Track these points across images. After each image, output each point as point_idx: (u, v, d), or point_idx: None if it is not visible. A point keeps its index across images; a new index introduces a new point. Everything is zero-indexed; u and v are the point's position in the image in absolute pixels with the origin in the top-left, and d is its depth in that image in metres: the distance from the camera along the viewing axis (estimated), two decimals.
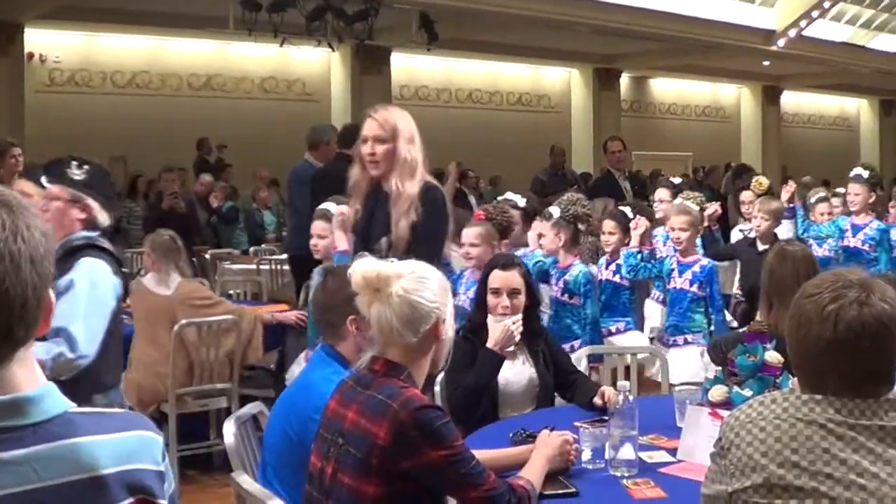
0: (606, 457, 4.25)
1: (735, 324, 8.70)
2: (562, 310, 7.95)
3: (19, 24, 18.45)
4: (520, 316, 5.42)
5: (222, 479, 6.69)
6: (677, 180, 11.45)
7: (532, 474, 3.89)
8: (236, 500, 4.08)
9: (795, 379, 3.01)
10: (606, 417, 4.55)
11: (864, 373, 2.79)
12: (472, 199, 15.74)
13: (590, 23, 21.03)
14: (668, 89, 30.70)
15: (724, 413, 4.12)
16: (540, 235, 8.50)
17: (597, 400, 5.16)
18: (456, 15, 19.22)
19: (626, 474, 4.16)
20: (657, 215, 9.84)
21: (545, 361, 5.53)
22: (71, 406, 2.04)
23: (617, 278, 8.58)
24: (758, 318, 5.88)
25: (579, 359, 6.48)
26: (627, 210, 8.86)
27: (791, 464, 2.72)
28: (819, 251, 10.55)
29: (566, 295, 7.88)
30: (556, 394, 5.59)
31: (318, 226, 7.39)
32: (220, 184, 16.93)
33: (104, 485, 1.99)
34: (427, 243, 5.84)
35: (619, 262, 8.49)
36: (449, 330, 3.83)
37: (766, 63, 27.74)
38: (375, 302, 3.68)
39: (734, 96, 32.41)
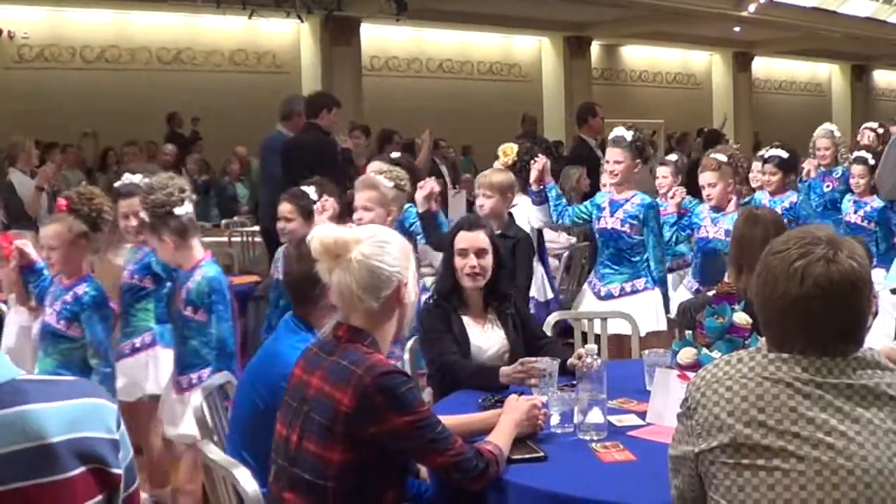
0: (575, 421, 4.25)
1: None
2: (185, 327, 6.03)
3: None
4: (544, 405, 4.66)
5: None
6: (396, 154, 9.59)
7: (500, 439, 3.89)
8: (202, 469, 4.07)
9: (764, 339, 2.99)
10: (575, 382, 4.53)
11: (831, 331, 2.78)
12: (444, 169, 15.67)
13: None
14: (638, 57, 30.68)
15: (693, 375, 4.12)
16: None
17: (573, 360, 5.11)
18: None
19: (595, 438, 4.16)
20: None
21: (514, 326, 5.51)
22: (19, 373, 2.01)
23: None
24: (726, 280, 5.88)
25: (549, 324, 6.48)
26: (311, 190, 7.09)
27: (758, 423, 2.71)
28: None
29: (189, 308, 5.92)
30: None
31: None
32: (195, 156, 16.86)
33: (53, 453, 1.96)
34: None
35: None
36: (412, 293, 3.83)
37: (737, 29, 27.75)
38: (336, 268, 3.66)
39: (705, 63, 32.42)
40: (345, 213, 6.94)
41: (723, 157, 8.05)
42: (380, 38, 24.18)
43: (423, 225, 7.53)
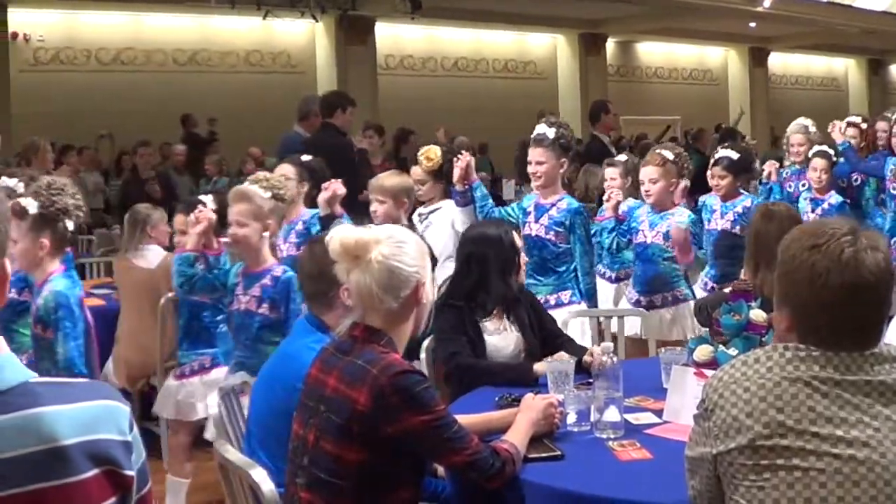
0: (592, 419, 4.24)
1: None
2: (38, 347, 5.39)
3: (2, 3, 18.45)
4: (560, 403, 4.52)
5: (212, 451, 6.60)
6: (307, 157, 8.26)
7: (516, 438, 3.88)
8: (219, 470, 4.08)
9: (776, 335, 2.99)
10: (591, 380, 4.52)
11: (875, 319, 2.81)
12: None
13: None
14: (654, 53, 30.65)
15: (709, 373, 4.11)
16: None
17: (586, 358, 5.10)
18: None
19: (612, 436, 4.15)
20: None
21: (530, 324, 5.50)
22: (32, 376, 2.01)
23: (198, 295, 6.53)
24: (741, 277, 5.86)
25: (566, 322, 6.44)
26: (209, 199, 6.56)
27: (777, 423, 2.70)
28: None
29: (39, 326, 5.28)
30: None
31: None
32: (214, 156, 16.92)
33: (66, 456, 1.96)
34: None
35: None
36: (429, 293, 3.84)
37: (753, 24, 27.72)
38: (355, 269, 3.67)
39: (721, 58, 32.38)
40: (219, 227, 6.39)
41: (669, 154, 7.47)
42: (394, 37, 24.20)
43: (325, 231, 6.51)
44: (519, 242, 5.56)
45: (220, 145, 18.56)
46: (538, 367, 5.02)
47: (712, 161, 8.30)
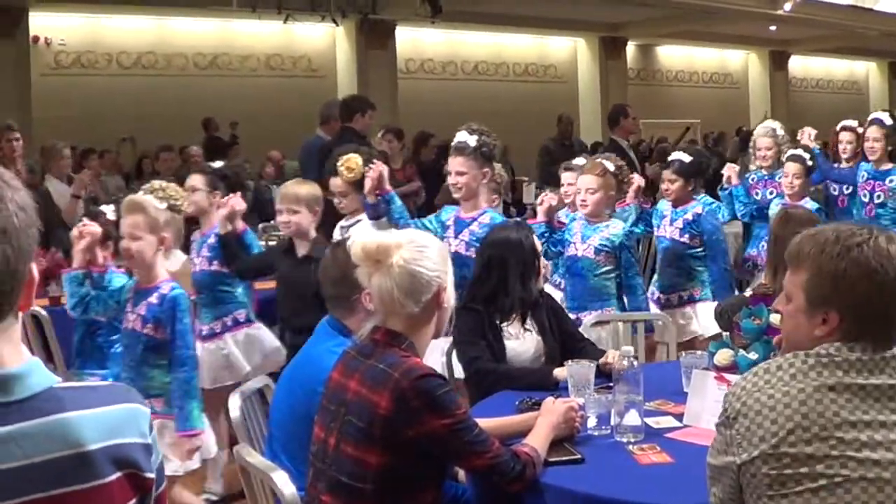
0: (612, 423, 4.24)
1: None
2: None
3: (24, 7, 18.43)
4: (581, 407, 4.46)
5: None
6: (220, 163, 8.19)
7: (537, 441, 3.90)
8: (241, 473, 4.09)
9: None
10: (612, 384, 4.52)
11: None
12: None
13: None
14: (674, 56, 30.54)
15: (730, 377, 4.11)
16: None
17: (603, 360, 5.09)
18: None
19: (632, 440, 4.15)
20: None
21: (550, 328, 5.49)
22: (56, 381, 2.01)
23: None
24: (762, 281, 5.86)
25: (587, 326, 6.44)
26: (110, 209, 6.44)
27: (802, 429, 2.71)
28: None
29: None
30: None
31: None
32: (236, 160, 16.91)
33: (90, 461, 1.97)
34: None
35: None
36: (451, 298, 3.84)
37: (773, 28, 27.63)
38: (376, 273, 3.69)
39: (742, 62, 32.27)
40: (107, 239, 6.22)
41: (610, 166, 7.20)
42: (415, 41, 24.18)
43: (224, 249, 6.86)
44: (539, 247, 5.58)
45: (240, 149, 18.57)
46: (558, 372, 5.02)
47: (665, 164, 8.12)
